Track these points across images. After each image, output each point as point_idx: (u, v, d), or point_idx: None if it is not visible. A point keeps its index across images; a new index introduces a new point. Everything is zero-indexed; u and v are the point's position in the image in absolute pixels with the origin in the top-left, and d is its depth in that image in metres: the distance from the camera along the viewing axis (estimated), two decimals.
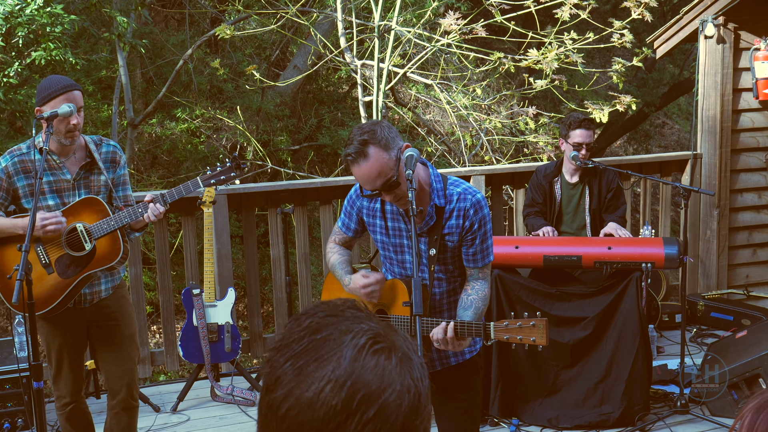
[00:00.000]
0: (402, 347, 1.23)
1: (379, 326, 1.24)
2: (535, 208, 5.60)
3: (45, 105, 3.79)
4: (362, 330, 1.22)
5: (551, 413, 5.05)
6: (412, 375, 1.21)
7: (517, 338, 3.08)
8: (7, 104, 7.55)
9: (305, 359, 1.19)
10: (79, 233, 3.92)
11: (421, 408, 1.20)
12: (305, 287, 6.14)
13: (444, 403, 3.41)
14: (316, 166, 12.34)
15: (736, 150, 6.94)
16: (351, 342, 1.19)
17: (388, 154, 3.03)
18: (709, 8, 6.68)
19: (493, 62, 7.63)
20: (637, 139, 16.94)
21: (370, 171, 3.03)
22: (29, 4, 7.11)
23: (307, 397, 1.16)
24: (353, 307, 1.27)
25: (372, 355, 1.19)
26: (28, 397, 4.82)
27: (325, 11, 9.86)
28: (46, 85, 3.82)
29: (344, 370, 1.16)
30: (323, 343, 1.20)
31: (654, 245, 5.10)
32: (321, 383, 1.16)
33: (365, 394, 1.15)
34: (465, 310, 3.24)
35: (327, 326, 1.22)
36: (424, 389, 1.22)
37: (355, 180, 3.23)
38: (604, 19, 7.63)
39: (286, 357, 1.21)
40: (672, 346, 6.16)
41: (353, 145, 3.03)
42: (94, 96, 12.04)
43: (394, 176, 3.05)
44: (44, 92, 3.80)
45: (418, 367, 1.23)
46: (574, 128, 5.42)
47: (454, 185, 3.27)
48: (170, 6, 13.36)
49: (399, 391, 1.18)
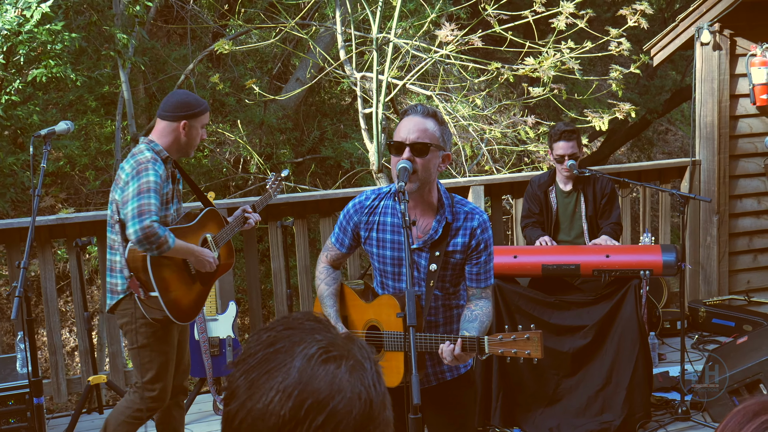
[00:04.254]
0: (355, 355, 1.25)
1: (335, 336, 1.27)
2: (533, 219, 5.61)
3: (195, 120, 4.06)
4: (315, 340, 1.24)
5: (552, 422, 5.05)
6: (363, 382, 1.22)
7: (511, 351, 3.07)
8: (8, 121, 7.60)
9: (257, 372, 1.22)
10: (209, 243, 4.19)
11: (374, 414, 1.22)
12: (306, 300, 6.16)
13: (439, 418, 3.41)
14: (318, 179, 12.36)
15: (735, 156, 6.95)
16: (301, 352, 1.22)
17: (438, 132, 3.20)
18: (705, 15, 6.70)
19: (492, 72, 7.66)
20: (640, 147, 16.94)
21: (418, 124, 3.17)
22: (29, 20, 7.16)
23: (258, 408, 1.19)
24: (312, 318, 1.30)
25: (322, 364, 1.21)
26: (30, 413, 4.85)
27: (325, 24, 9.91)
28: (193, 102, 4.07)
29: (293, 379, 1.19)
30: (275, 355, 1.23)
31: (652, 252, 5.11)
32: (270, 394, 1.19)
33: (313, 402, 1.18)
34: (470, 323, 3.21)
35: (282, 339, 1.25)
36: (377, 396, 1.24)
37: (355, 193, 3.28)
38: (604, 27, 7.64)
39: (242, 371, 1.24)
40: (674, 353, 6.16)
41: (421, 105, 3.23)
42: (97, 111, 12.09)
43: (429, 145, 3.15)
44: (196, 107, 4.06)
45: (371, 374, 1.25)
46: (555, 140, 5.43)
47: (461, 204, 3.29)
48: (172, 21, 13.43)
49: (349, 398, 1.20)
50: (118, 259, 4.05)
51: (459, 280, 3.34)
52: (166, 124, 4.05)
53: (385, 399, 1.26)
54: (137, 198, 3.80)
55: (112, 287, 4.11)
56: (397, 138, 3.18)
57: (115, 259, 4.07)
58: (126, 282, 4.01)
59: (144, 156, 3.95)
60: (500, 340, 3.07)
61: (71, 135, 8.30)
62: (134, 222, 3.75)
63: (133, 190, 3.83)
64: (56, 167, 11.51)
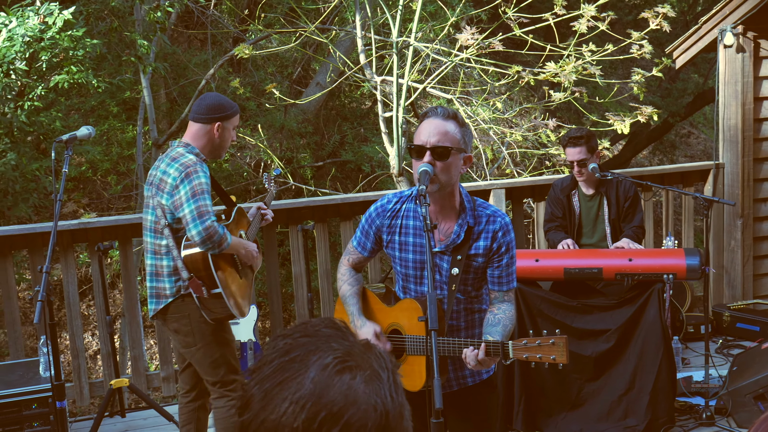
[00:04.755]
0: (372, 365, 1.22)
1: (353, 344, 1.24)
2: (556, 223, 5.58)
3: (227, 121, 4.15)
4: (331, 349, 1.22)
5: (575, 427, 5.02)
6: (379, 393, 1.20)
7: (536, 357, 3.03)
8: (31, 127, 7.66)
9: (272, 382, 1.20)
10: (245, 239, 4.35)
11: (390, 426, 1.20)
12: (327, 303, 6.15)
13: (461, 423, 3.38)
14: (338, 183, 12.38)
15: (759, 159, 6.88)
16: (316, 362, 1.20)
17: (459, 134, 3.18)
18: (728, 17, 6.64)
19: (512, 76, 7.63)
20: (662, 150, 16.85)
21: (438, 126, 3.15)
22: (50, 27, 7.22)
23: (271, 419, 1.17)
24: (329, 325, 1.28)
25: (336, 375, 1.19)
26: (53, 416, 4.87)
27: (345, 28, 9.92)
28: (225, 104, 4.17)
29: (306, 390, 1.17)
30: (290, 364, 1.21)
31: (675, 256, 5.07)
32: (284, 405, 1.17)
33: (327, 415, 1.16)
34: (493, 327, 3.18)
35: (297, 347, 1.23)
36: (393, 407, 1.21)
37: (375, 197, 3.27)
38: (626, 30, 7.60)
39: (256, 380, 1.22)
40: (697, 358, 6.10)
41: (441, 107, 3.21)
42: (119, 117, 12.18)
43: (450, 149, 3.13)
44: (228, 109, 4.16)
45: (388, 384, 1.22)
46: (564, 146, 5.42)
47: (482, 207, 3.27)
48: (193, 27, 13.49)
49: (364, 410, 1.17)
50: (164, 263, 4.07)
51: (481, 283, 3.32)
52: (199, 127, 4.12)
53: (403, 409, 1.24)
54: (193, 200, 3.88)
55: (158, 292, 4.11)
56: (417, 141, 3.16)
57: (161, 263, 4.08)
58: (174, 285, 4.05)
59: (189, 159, 4.00)
60: (525, 345, 3.04)
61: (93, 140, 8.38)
62: (196, 224, 3.85)
63: (185, 193, 3.90)
64: (78, 172, 11.59)
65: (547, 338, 3.02)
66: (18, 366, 5.23)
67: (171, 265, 4.04)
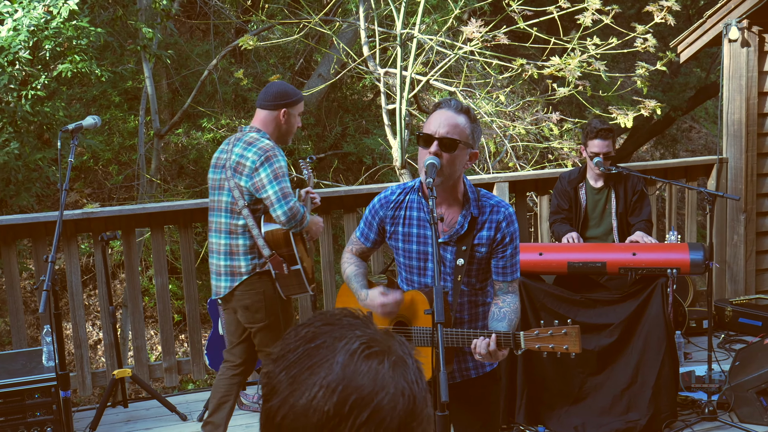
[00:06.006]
0: (397, 351, 1.24)
1: (375, 332, 1.26)
2: (561, 215, 5.58)
3: (293, 107, 4.36)
4: (356, 336, 1.23)
5: (577, 421, 5.02)
6: (406, 378, 1.21)
7: (549, 347, 3.03)
8: (34, 116, 7.65)
9: (299, 368, 1.21)
10: None
11: (417, 411, 1.21)
12: (330, 295, 6.15)
13: (464, 414, 3.38)
14: (341, 174, 12.37)
15: (763, 154, 6.87)
16: (343, 348, 1.21)
17: (469, 129, 3.18)
18: (733, 12, 6.63)
19: (516, 69, 7.61)
20: (663, 144, 16.83)
21: (449, 118, 3.15)
22: (55, 17, 7.20)
23: (301, 404, 1.18)
24: (349, 315, 1.29)
25: (364, 360, 1.20)
26: (56, 406, 4.87)
27: (348, 20, 9.89)
28: (291, 91, 4.38)
29: (336, 375, 1.18)
30: (317, 351, 1.22)
31: (679, 251, 5.06)
32: (313, 390, 1.18)
33: (357, 398, 1.17)
34: (499, 322, 3.19)
35: (322, 334, 1.24)
36: (419, 392, 1.23)
37: (378, 189, 3.26)
38: (629, 24, 7.58)
39: (282, 367, 1.23)
40: (700, 353, 6.11)
41: (455, 100, 3.22)
42: (121, 107, 12.17)
43: (457, 141, 3.13)
44: (293, 96, 4.36)
45: (413, 370, 1.24)
46: (591, 138, 5.38)
47: (486, 197, 3.27)
48: (195, 17, 13.47)
49: (393, 394, 1.19)
50: (240, 242, 4.28)
51: (485, 275, 3.31)
52: (267, 113, 4.33)
53: (427, 395, 1.25)
54: (276, 183, 4.13)
55: (233, 269, 4.32)
56: (426, 130, 3.16)
57: (237, 242, 4.29)
58: (251, 263, 4.26)
59: (266, 143, 4.22)
60: (537, 335, 3.04)
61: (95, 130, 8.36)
62: (281, 204, 4.12)
63: (267, 175, 4.14)
64: (80, 162, 11.58)
65: (559, 328, 3.02)
66: (20, 355, 5.23)
67: (247, 244, 4.26)
